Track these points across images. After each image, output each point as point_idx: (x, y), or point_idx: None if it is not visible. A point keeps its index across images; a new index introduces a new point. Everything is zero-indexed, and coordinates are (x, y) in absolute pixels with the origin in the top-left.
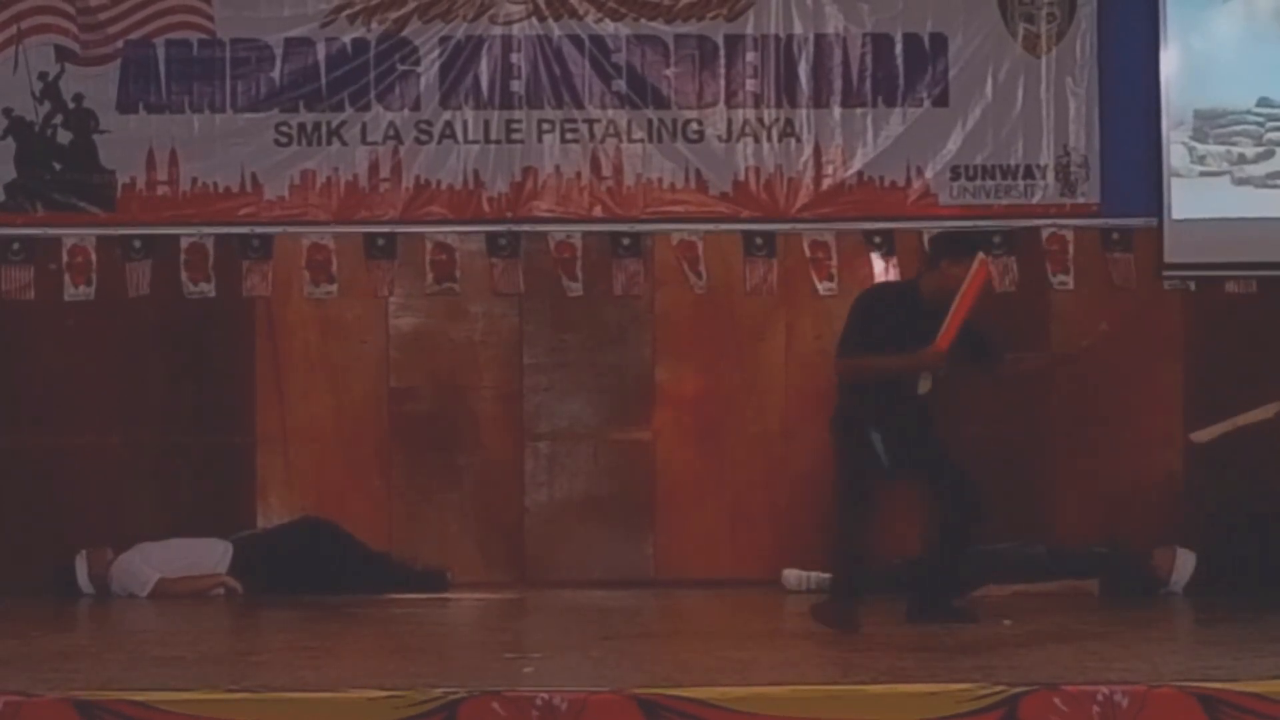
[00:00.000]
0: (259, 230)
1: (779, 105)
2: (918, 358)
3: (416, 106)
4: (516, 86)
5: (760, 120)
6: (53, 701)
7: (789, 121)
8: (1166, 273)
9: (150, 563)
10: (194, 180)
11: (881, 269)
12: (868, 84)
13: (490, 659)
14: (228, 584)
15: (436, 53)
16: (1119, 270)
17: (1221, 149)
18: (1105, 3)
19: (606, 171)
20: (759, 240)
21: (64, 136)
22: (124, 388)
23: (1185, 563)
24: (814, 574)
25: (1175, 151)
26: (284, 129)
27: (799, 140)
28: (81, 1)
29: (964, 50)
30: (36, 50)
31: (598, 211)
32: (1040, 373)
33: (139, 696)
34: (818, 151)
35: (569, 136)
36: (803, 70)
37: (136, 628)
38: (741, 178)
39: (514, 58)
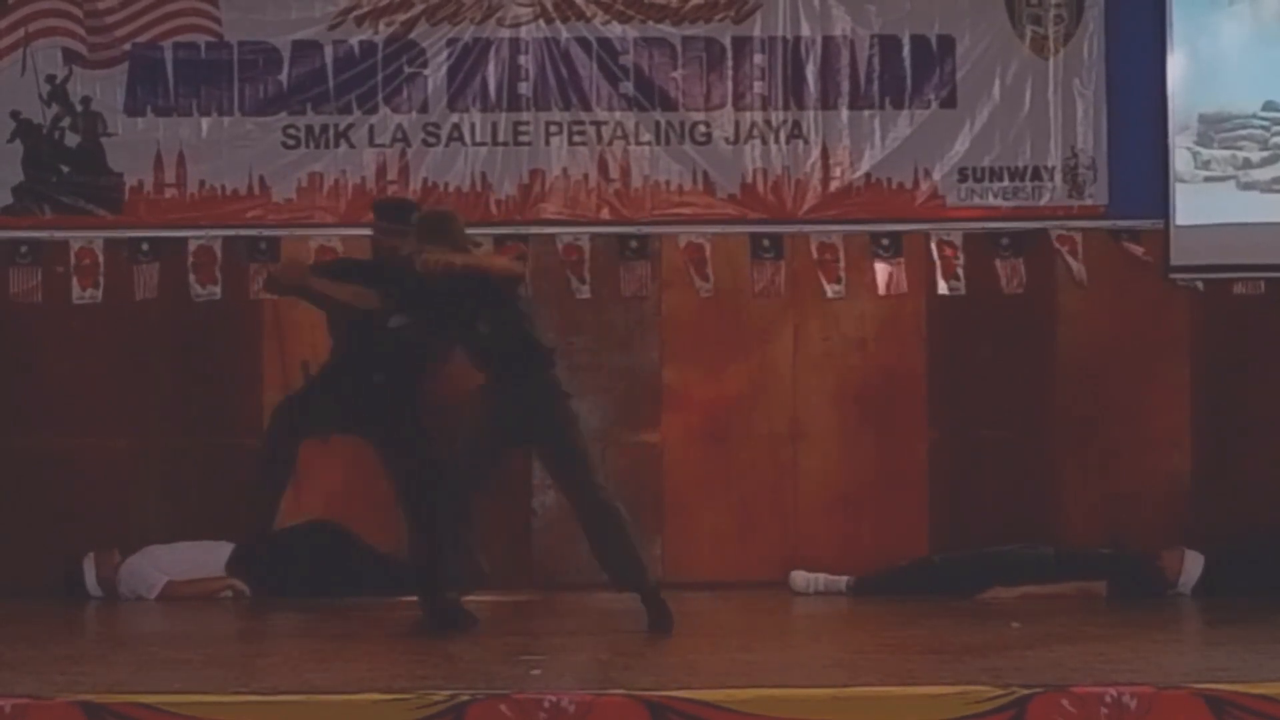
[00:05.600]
0: (266, 233)
1: (786, 107)
2: None
3: (424, 109)
4: (524, 89)
5: (768, 122)
6: (61, 704)
7: (796, 123)
8: (1174, 274)
9: (158, 565)
10: (201, 183)
11: (889, 271)
12: (875, 86)
13: (498, 661)
14: (235, 586)
15: (444, 55)
16: (1132, 263)
17: (1226, 153)
18: (1112, 4)
19: (614, 173)
20: (766, 242)
21: (71, 139)
22: (131, 390)
23: (1193, 564)
24: (821, 576)
25: (1179, 156)
26: (291, 131)
27: (806, 142)
28: (89, 4)
29: (971, 52)
30: (44, 53)
31: (605, 213)
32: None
33: (147, 699)
34: (825, 153)
35: (576, 139)
36: (810, 72)
37: (144, 630)
38: (749, 180)
39: (521, 60)
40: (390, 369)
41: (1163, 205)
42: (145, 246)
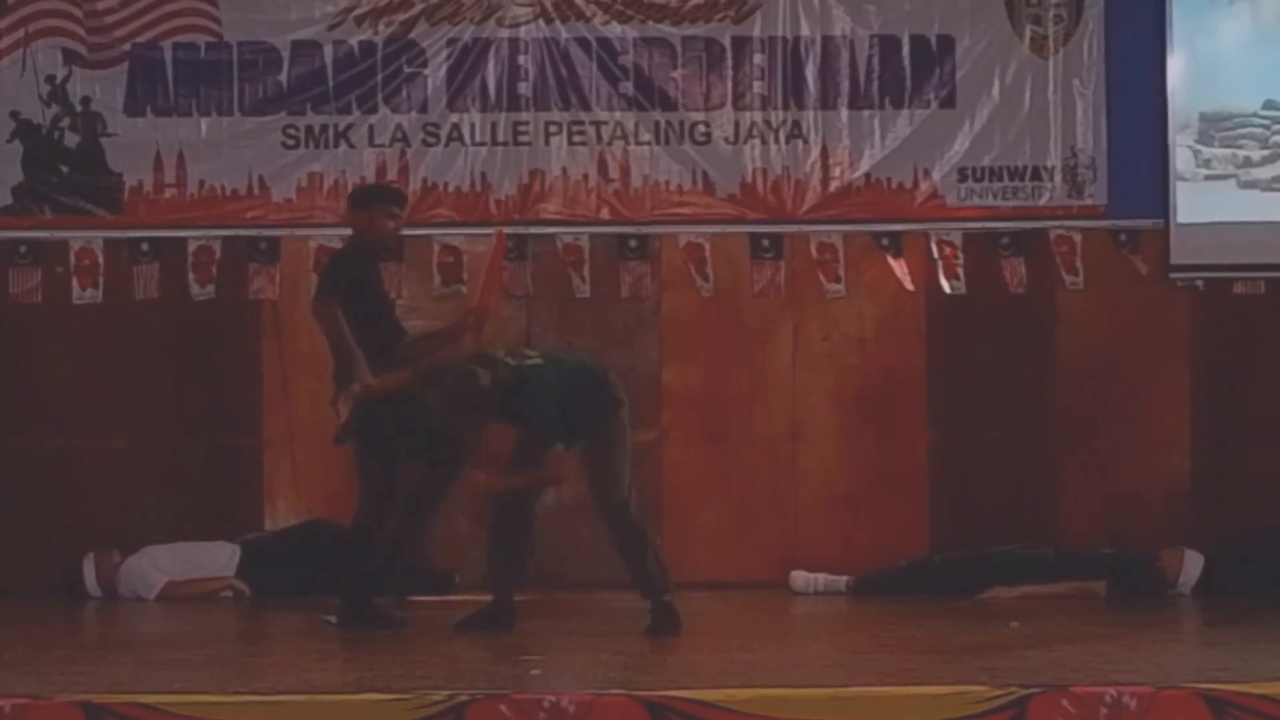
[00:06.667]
0: (266, 233)
1: (786, 107)
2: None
3: (424, 109)
4: (524, 89)
5: (767, 122)
6: (61, 704)
7: (796, 123)
8: (1174, 274)
9: (157, 565)
10: (201, 183)
11: (901, 265)
12: (875, 86)
13: (498, 661)
14: (235, 586)
15: (444, 55)
16: (1137, 264)
17: (1227, 152)
18: (1112, 4)
19: (614, 173)
20: (766, 242)
21: (71, 139)
22: (131, 390)
23: (1193, 564)
24: (821, 576)
25: (1180, 155)
26: (291, 131)
27: (806, 142)
28: (89, 4)
29: (971, 52)
30: (44, 53)
31: (605, 213)
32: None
33: (146, 699)
34: (825, 153)
35: (576, 139)
36: (810, 72)
37: (144, 630)
38: (748, 179)
39: (521, 60)
40: None
41: (1162, 205)
42: (145, 246)
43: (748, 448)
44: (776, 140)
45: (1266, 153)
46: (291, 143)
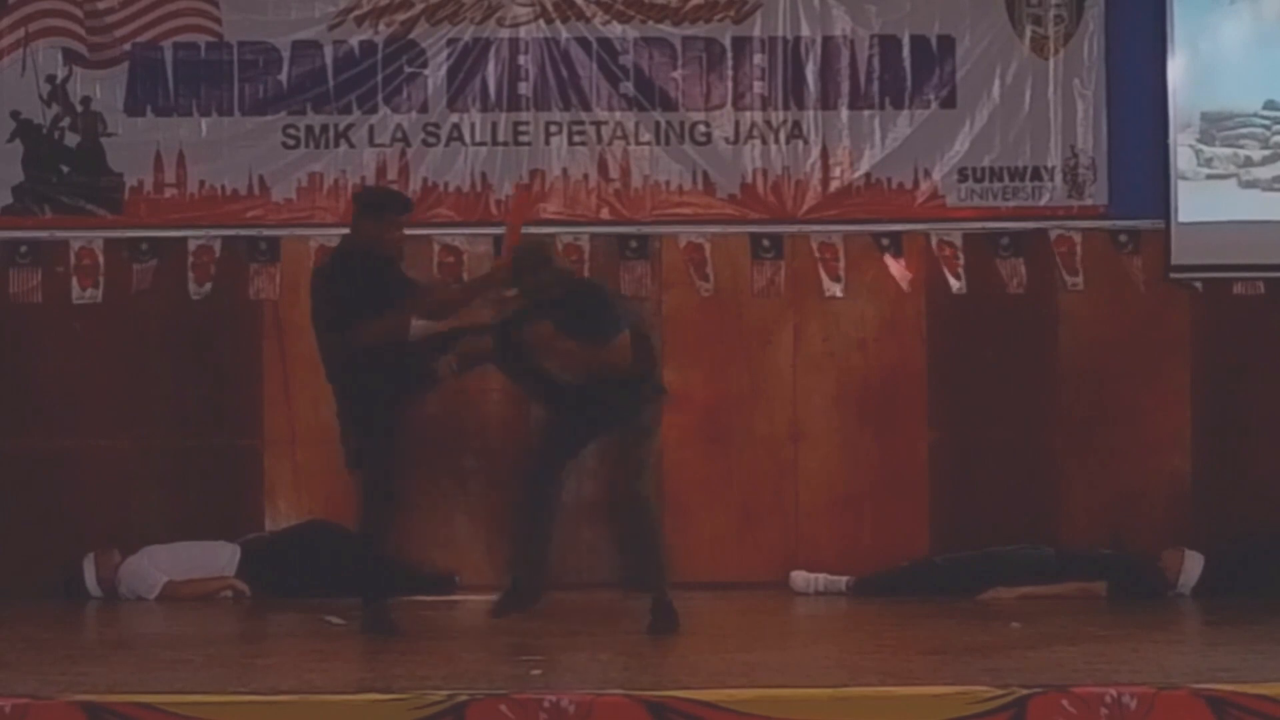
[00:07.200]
0: (266, 233)
1: (786, 107)
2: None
3: (424, 109)
4: (524, 89)
5: (768, 122)
6: (61, 704)
7: (796, 124)
8: (1174, 274)
9: (158, 565)
10: (201, 183)
11: (900, 266)
12: (875, 86)
13: (498, 661)
14: (235, 587)
15: (444, 55)
16: (1134, 269)
17: (1228, 152)
18: (1113, 4)
19: (614, 173)
20: (766, 242)
21: (71, 139)
22: (131, 390)
23: (1193, 564)
24: (821, 576)
25: (1182, 154)
26: (291, 131)
27: (806, 142)
28: (89, 4)
29: (971, 52)
30: (45, 53)
31: (605, 214)
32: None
33: (147, 699)
34: (825, 153)
35: (576, 139)
36: (810, 72)
37: (144, 630)
38: (749, 180)
39: (521, 60)
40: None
41: (1163, 205)
42: (145, 246)
43: (749, 448)
44: (777, 140)
45: (1267, 153)
46: (292, 143)
